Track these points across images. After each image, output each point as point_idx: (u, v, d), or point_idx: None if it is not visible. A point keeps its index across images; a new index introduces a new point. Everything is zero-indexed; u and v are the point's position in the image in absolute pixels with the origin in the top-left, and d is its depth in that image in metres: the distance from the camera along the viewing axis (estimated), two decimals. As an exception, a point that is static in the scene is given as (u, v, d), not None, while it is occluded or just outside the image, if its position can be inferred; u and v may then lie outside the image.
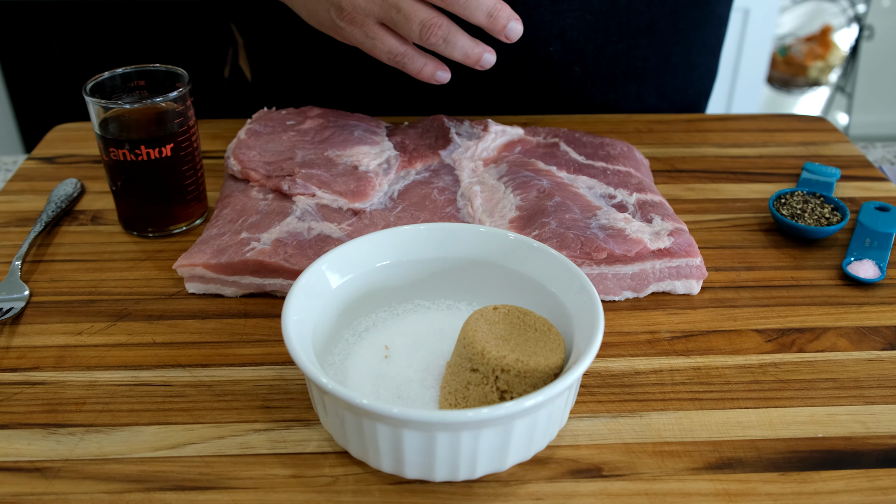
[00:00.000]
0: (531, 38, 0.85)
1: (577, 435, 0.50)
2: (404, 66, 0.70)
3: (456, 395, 0.48)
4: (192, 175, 0.69)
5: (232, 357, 0.57)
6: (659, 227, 0.63)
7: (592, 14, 0.85)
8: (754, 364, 0.56)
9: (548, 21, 0.84)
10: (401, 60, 0.69)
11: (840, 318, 0.61)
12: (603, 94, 0.93)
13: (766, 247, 0.69)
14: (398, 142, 0.75)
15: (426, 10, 0.65)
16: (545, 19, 0.84)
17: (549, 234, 0.61)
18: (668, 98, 0.97)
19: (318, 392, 0.46)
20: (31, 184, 0.78)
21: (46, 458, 0.49)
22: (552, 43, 0.86)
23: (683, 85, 0.98)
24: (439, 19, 0.66)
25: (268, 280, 0.62)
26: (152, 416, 0.52)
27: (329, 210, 0.67)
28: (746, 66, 2.17)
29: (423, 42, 0.66)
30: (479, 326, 0.48)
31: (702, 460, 0.49)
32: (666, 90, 0.96)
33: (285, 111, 0.80)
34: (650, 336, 0.59)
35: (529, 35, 0.85)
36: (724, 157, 0.83)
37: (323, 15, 0.70)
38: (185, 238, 0.70)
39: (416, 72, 0.70)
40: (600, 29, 0.87)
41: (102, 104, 0.65)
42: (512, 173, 0.70)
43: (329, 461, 0.49)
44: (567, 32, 0.86)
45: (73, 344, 0.58)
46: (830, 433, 0.51)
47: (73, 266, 0.66)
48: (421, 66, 0.70)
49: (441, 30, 0.66)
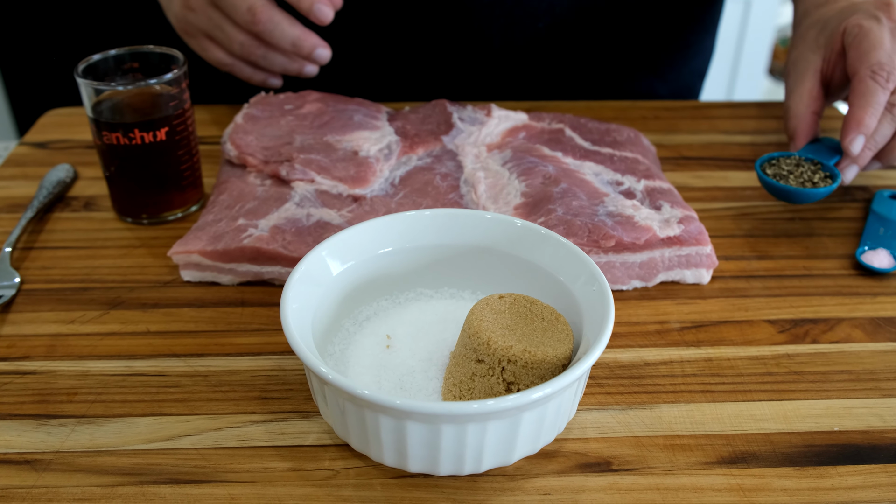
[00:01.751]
0: (520, 14, 0.84)
1: (585, 428, 0.49)
2: (233, 73, 0.80)
3: (460, 387, 0.46)
4: (187, 160, 0.67)
5: (229, 346, 0.55)
6: (668, 214, 0.62)
7: None
8: (767, 355, 0.55)
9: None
10: (230, 70, 0.79)
11: (854, 309, 0.59)
12: (595, 72, 0.91)
13: (777, 235, 0.67)
14: (399, 127, 0.73)
15: (243, 34, 0.75)
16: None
17: (556, 220, 0.60)
18: (662, 76, 0.95)
19: (318, 382, 0.44)
20: (23, 169, 0.77)
21: (36, 449, 0.47)
22: (541, 19, 0.85)
23: (677, 62, 0.96)
24: (255, 42, 0.75)
25: (265, 267, 0.60)
26: (146, 406, 0.50)
27: (328, 196, 0.65)
28: (747, 57, 2.15)
29: (245, 58, 0.77)
30: (484, 315, 0.46)
31: (714, 454, 0.47)
32: (659, 67, 0.95)
33: (283, 95, 0.78)
34: (659, 326, 0.57)
35: (519, 11, 0.84)
36: (732, 144, 0.82)
37: (173, 23, 0.80)
38: (181, 225, 0.68)
39: (247, 79, 0.80)
40: (590, 5, 0.85)
41: (95, 86, 0.63)
42: (516, 159, 0.68)
43: (329, 454, 0.47)
44: (556, 8, 0.84)
45: (64, 332, 0.56)
46: (847, 427, 0.49)
47: (66, 253, 0.65)
48: (249, 75, 0.80)
49: (259, 50, 0.76)
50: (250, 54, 0.76)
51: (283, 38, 0.74)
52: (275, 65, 0.77)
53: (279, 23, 0.73)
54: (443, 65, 0.88)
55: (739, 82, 2.20)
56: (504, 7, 0.83)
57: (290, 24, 0.74)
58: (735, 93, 2.20)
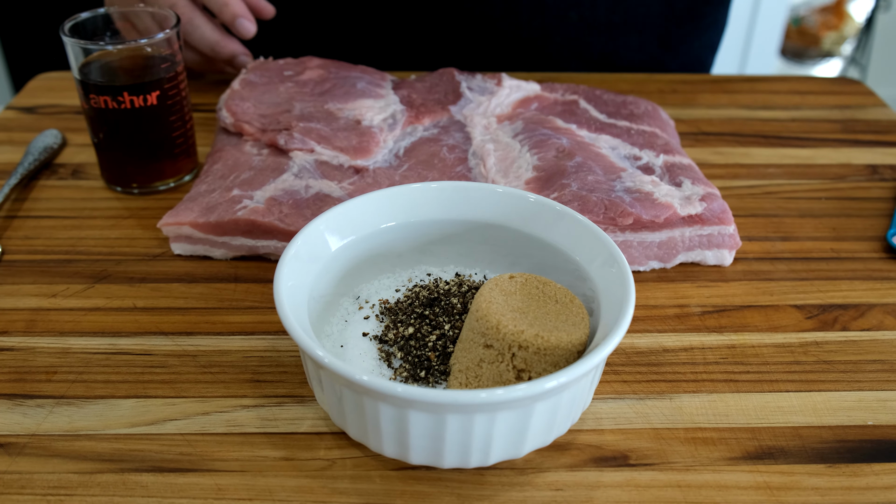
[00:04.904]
0: None
1: (600, 418, 0.45)
2: None
3: (467, 374, 0.43)
4: (180, 126, 0.63)
5: (220, 325, 0.52)
6: (689, 191, 0.58)
7: None
8: (794, 343, 0.51)
9: None
10: None
11: (886, 294, 0.56)
12: (602, 43, 0.87)
13: (802, 216, 0.64)
14: (405, 96, 0.69)
15: None
16: None
17: (570, 196, 0.56)
18: (672, 49, 0.91)
19: (314, 366, 0.41)
20: (9, 134, 0.73)
21: (11, 432, 0.44)
22: None
23: (688, 35, 0.92)
24: None
25: (260, 241, 0.56)
26: (130, 388, 0.47)
27: (329, 167, 0.61)
28: (759, 37, 2.11)
29: None
30: (493, 297, 0.43)
31: (739, 449, 0.44)
32: (670, 40, 0.91)
33: (283, 61, 0.74)
34: (679, 310, 0.54)
35: None
36: (753, 119, 0.78)
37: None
38: (172, 195, 0.65)
39: None
40: None
41: (82, 45, 0.59)
42: (528, 131, 0.64)
43: (325, 443, 0.44)
44: None
45: (45, 307, 0.53)
46: (881, 421, 0.46)
47: (51, 223, 0.61)
48: None
49: None
50: None
51: (201, 41, 0.73)
52: (190, 62, 0.76)
53: (199, 26, 0.72)
54: (447, 35, 0.85)
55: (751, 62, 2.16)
56: None
57: (211, 28, 0.73)
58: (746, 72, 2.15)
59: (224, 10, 0.71)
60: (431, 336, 0.45)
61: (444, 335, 0.45)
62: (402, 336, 0.46)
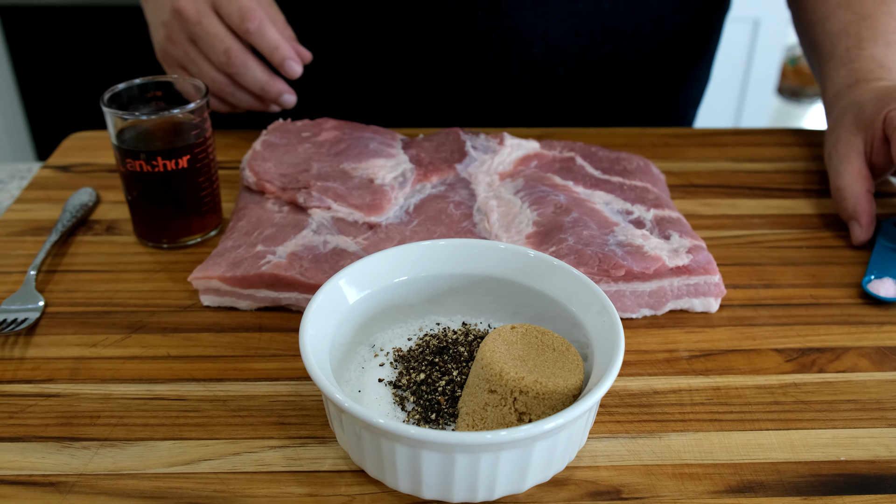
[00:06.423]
0: (515, 39, 0.86)
1: (595, 456, 0.50)
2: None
3: (474, 416, 0.47)
4: (207, 186, 0.69)
5: (247, 372, 0.56)
6: (677, 243, 0.63)
7: (576, 17, 0.86)
8: (774, 384, 0.56)
9: (531, 22, 0.85)
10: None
11: (861, 338, 0.60)
12: (589, 98, 0.93)
13: (784, 264, 0.68)
14: (414, 155, 0.75)
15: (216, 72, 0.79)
16: (528, 20, 0.84)
17: (567, 250, 0.61)
18: (655, 103, 0.97)
19: (336, 410, 0.46)
20: (47, 192, 0.78)
21: (61, 472, 0.49)
22: (536, 44, 0.87)
23: (671, 90, 0.98)
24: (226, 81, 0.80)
25: (283, 294, 0.61)
26: (167, 430, 0.52)
27: (345, 223, 0.66)
28: (756, 77, 2.16)
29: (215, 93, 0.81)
30: (496, 346, 0.48)
31: (723, 483, 0.48)
32: (653, 95, 0.96)
33: (301, 123, 0.79)
34: (668, 355, 0.58)
35: (513, 36, 0.86)
36: (740, 171, 0.83)
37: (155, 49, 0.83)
38: (200, 249, 0.70)
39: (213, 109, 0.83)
40: (584, 31, 0.87)
41: (120, 115, 0.65)
42: (528, 188, 0.69)
43: (345, 480, 0.48)
44: (550, 34, 0.86)
45: (87, 356, 0.58)
46: (853, 456, 0.50)
47: (88, 276, 0.66)
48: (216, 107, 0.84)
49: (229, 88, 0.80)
50: (220, 90, 0.81)
51: (252, 82, 0.79)
52: (242, 102, 0.82)
53: (251, 68, 0.78)
54: (445, 90, 0.90)
55: (748, 102, 2.21)
56: (499, 32, 0.85)
57: (261, 69, 0.79)
58: (743, 112, 2.21)
59: (275, 53, 0.78)
60: (441, 381, 0.50)
61: (452, 381, 0.50)
62: (415, 381, 0.50)
